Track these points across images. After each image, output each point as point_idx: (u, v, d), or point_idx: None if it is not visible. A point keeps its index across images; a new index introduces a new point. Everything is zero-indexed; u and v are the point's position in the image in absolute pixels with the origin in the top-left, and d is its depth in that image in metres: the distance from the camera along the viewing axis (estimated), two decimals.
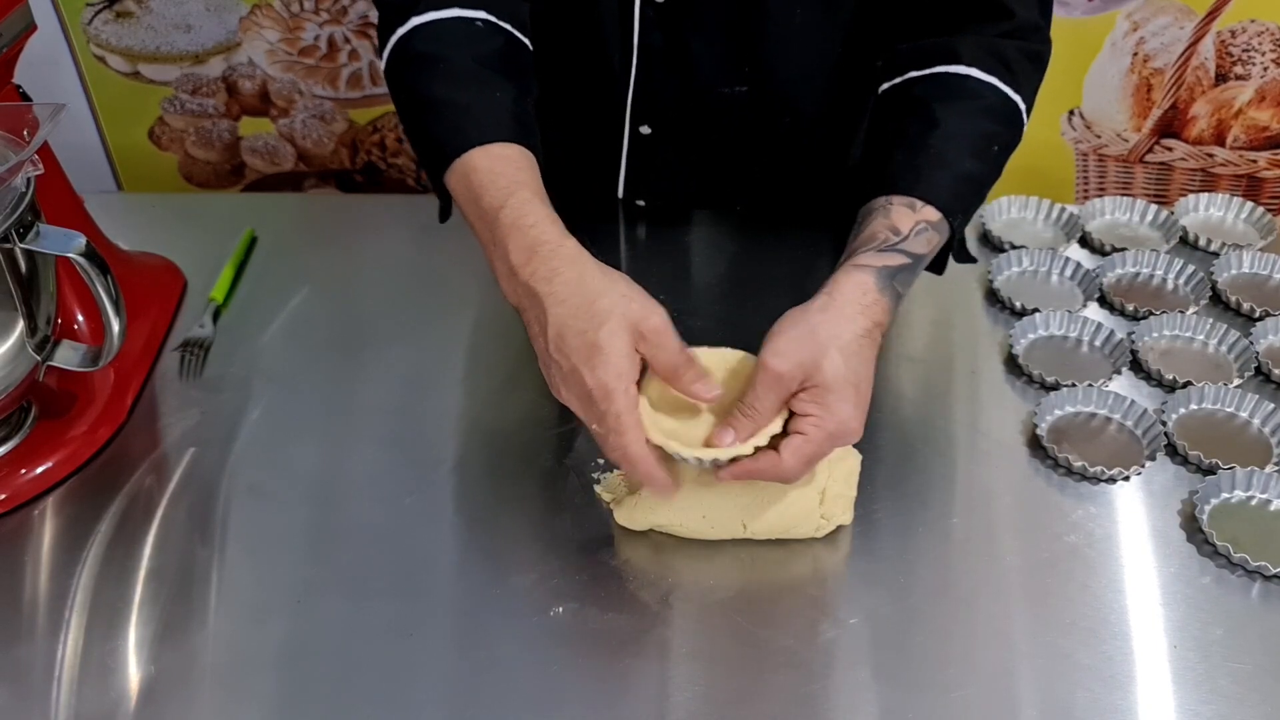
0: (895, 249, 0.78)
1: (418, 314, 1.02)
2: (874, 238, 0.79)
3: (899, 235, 0.79)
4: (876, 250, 0.78)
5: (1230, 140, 1.58)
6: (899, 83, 0.88)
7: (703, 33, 0.95)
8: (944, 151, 0.82)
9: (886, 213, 0.80)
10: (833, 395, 0.72)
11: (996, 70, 0.84)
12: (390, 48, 0.85)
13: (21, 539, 0.81)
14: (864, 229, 0.80)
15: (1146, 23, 1.50)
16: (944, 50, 0.85)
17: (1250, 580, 0.77)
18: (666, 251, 1.10)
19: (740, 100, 0.99)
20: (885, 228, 0.79)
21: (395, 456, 0.87)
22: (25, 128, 0.78)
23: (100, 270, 0.78)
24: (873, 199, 0.82)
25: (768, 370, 0.71)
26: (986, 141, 0.84)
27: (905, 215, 0.79)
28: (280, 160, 1.76)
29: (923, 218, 0.79)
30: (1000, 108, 0.85)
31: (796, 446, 0.72)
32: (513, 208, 0.75)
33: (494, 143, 0.78)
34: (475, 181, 0.77)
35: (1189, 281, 1.03)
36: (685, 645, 0.73)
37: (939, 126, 0.82)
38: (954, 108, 0.83)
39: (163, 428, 0.90)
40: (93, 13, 1.61)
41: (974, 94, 0.84)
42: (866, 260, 0.77)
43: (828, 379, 0.72)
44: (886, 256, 0.78)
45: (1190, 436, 0.87)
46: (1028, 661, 0.72)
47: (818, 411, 0.72)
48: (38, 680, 0.71)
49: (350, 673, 0.71)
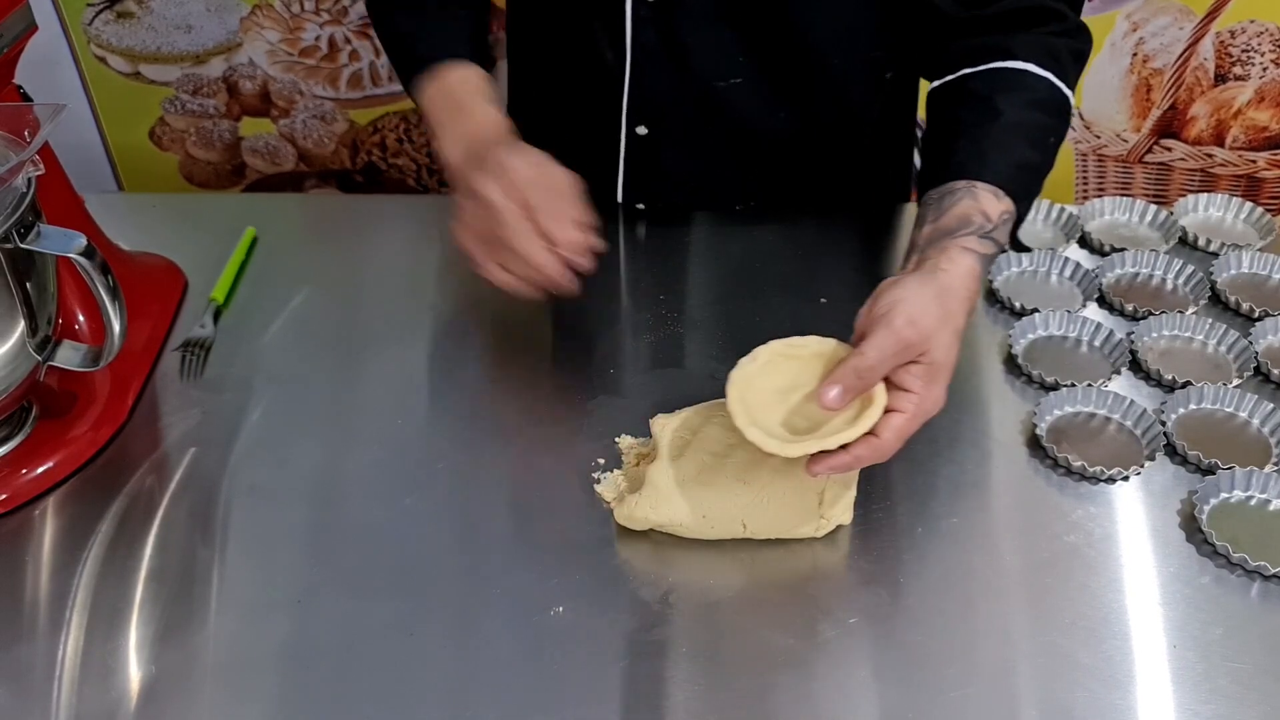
0: (989, 236, 0.80)
1: (418, 314, 1.02)
2: (969, 221, 0.80)
3: (991, 222, 0.80)
4: (978, 236, 0.79)
5: (1229, 140, 1.58)
6: (952, 80, 0.90)
7: (697, 26, 0.95)
8: (1007, 141, 0.84)
9: (974, 196, 0.81)
10: (940, 375, 0.73)
11: (1049, 65, 0.87)
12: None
13: (22, 539, 0.81)
14: (951, 208, 0.81)
15: (1146, 23, 1.50)
16: (998, 47, 0.88)
17: (1250, 580, 0.77)
18: (666, 254, 1.09)
19: (737, 94, 0.99)
20: (978, 212, 0.80)
21: (395, 456, 0.87)
22: (26, 128, 0.78)
23: (101, 270, 0.78)
24: (944, 183, 0.83)
25: (898, 335, 0.71)
26: (1044, 133, 0.87)
27: (992, 202, 0.81)
28: (281, 160, 1.77)
29: (1005, 207, 0.82)
30: (1053, 101, 0.88)
31: (899, 426, 0.71)
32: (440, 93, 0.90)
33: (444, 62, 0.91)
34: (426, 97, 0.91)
35: (1188, 282, 1.04)
36: (685, 645, 0.73)
37: (1001, 116, 0.85)
38: (1013, 99, 0.86)
39: (163, 428, 0.90)
40: (93, 13, 1.61)
41: (1031, 87, 0.87)
42: (972, 245, 0.78)
43: (940, 358, 0.72)
44: (985, 244, 0.79)
45: (1190, 436, 0.87)
46: (1027, 661, 0.72)
47: (921, 390, 0.72)
48: (38, 680, 0.71)
49: (350, 672, 0.71)
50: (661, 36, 0.96)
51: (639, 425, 0.87)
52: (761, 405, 0.75)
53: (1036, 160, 0.86)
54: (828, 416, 0.73)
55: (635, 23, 0.95)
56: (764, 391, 0.75)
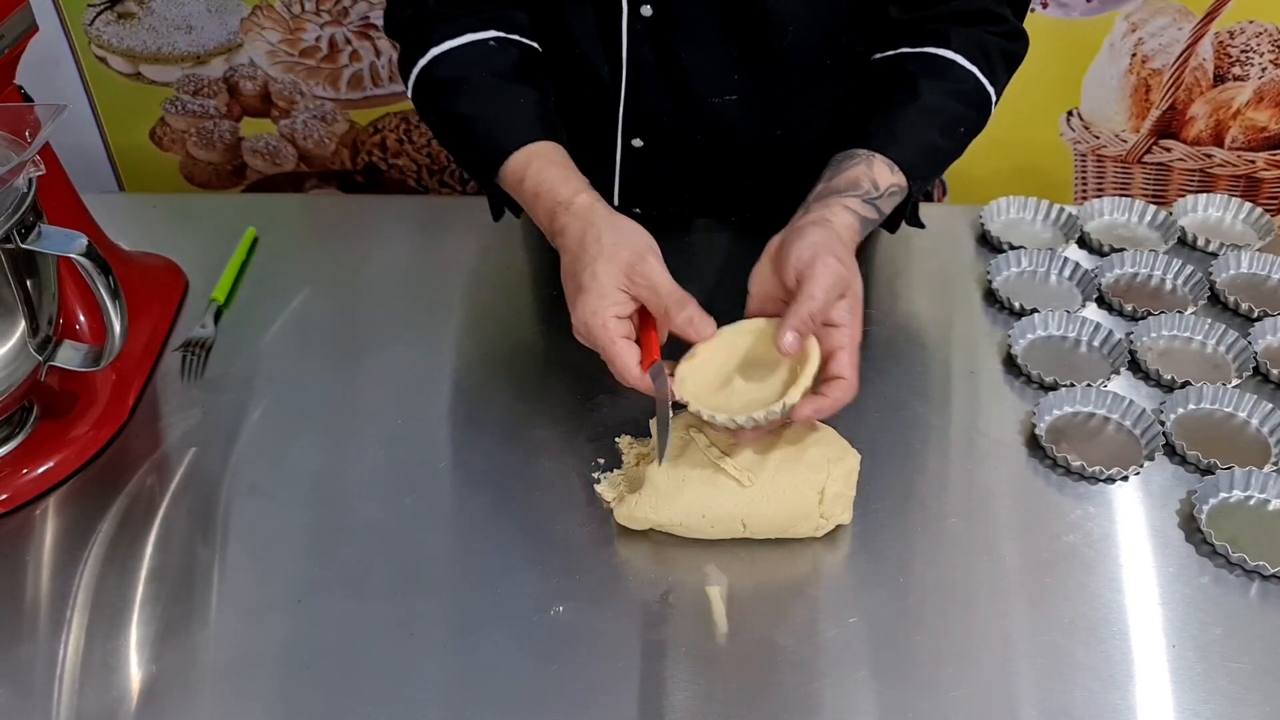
0: (873, 203, 0.85)
1: (418, 314, 1.02)
2: (857, 184, 0.85)
3: (878, 191, 0.85)
4: (861, 200, 0.84)
5: (1229, 141, 1.58)
6: (891, 55, 0.94)
7: (693, 43, 0.96)
8: (920, 123, 0.89)
9: (870, 164, 0.86)
10: (859, 306, 0.79)
11: (978, 60, 0.91)
12: (414, 78, 0.93)
13: (23, 539, 0.81)
14: (845, 170, 0.86)
15: (1145, 23, 1.50)
16: (936, 33, 0.91)
17: (1249, 580, 0.77)
18: (664, 256, 1.09)
19: (731, 110, 1.00)
20: (868, 179, 0.85)
21: (395, 456, 0.87)
22: (27, 128, 0.78)
23: (102, 270, 0.78)
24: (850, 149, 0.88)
25: (835, 273, 0.76)
26: (956, 122, 0.91)
27: (885, 173, 0.86)
28: (281, 161, 1.77)
29: (896, 181, 0.86)
30: (974, 94, 0.91)
31: (850, 360, 0.77)
32: (530, 181, 0.85)
33: (527, 144, 0.86)
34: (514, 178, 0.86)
35: (1187, 282, 1.04)
36: (685, 645, 0.73)
37: (918, 99, 0.89)
38: (936, 86, 0.90)
39: (164, 428, 0.90)
40: (94, 14, 1.61)
41: (957, 78, 0.90)
42: (853, 205, 0.84)
43: (858, 289, 0.79)
44: (867, 208, 0.84)
45: (1189, 436, 0.87)
46: (1027, 660, 0.72)
47: (850, 321, 0.78)
48: (39, 679, 0.71)
49: (351, 672, 0.71)
50: (657, 52, 0.96)
51: (639, 425, 0.87)
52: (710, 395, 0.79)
53: (944, 146, 0.90)
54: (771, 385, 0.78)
55: (630, 38, 0.95)
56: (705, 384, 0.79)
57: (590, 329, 0.77)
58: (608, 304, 0.77)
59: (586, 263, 0.78)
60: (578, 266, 0.78)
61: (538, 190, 0.84)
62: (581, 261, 0.78)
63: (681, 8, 0.94)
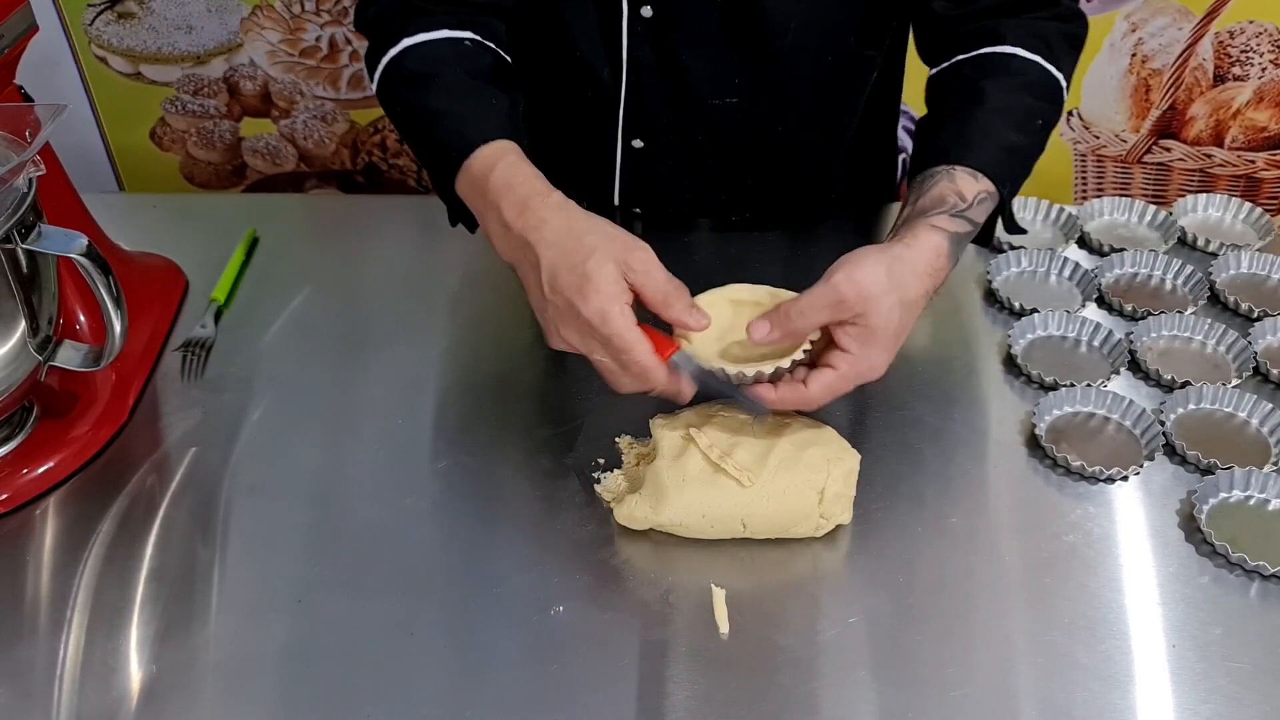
0: (963, 215, 0.82)
1: (418, 314, 1.02)
2: (943, 201, 0.82)
3: (965, 202, 0.82)
4: (949, 215, 0.81)
5: (1228, 141, 1.58)
6: (947, 67, 0.91)
7: (693, 45, 0.96)
8: (991, 124, 0.86)
9: (951, 178, 0.83)
10: (877, 340, 0.75)
11: (1039, 49, 0.88)
12: (382, 68, 0.88)
13: (23, 539, 0.81)
14: (929, 190, 0.83)
15: (1145, 23, 1.51)
16: (988, 33, 0.89)
17: (1249, 580, 0.77)
18: (664, 256, 1.08)
19: (732, 111, 0.99)
20: (952, 192, 0.82)
21: (395, 456, 0.87)
22: (27, 128, 0.78)
23: (102, 270, 0.78)
24: (927, 168, 0.85)
25: (835, 290, 0.75)
26: (1031, 115, 0.88)
27: (969, 183, 0.83)
28: (281, 161, 1.77)
29: (983, 188, 0.83)
30: (1042, 84, 0.88)
31: (827, 381, 0.76)
32: (501, 170, 0.79)
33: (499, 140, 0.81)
34: (480, 171, 0.81)
35: (1187, 282, 1.04)
36: (685, 645, 0.73)
37: (985, 101, 0.86)
38: (1000, 83, 0.87)
39: (164, 428, 0.90)
40: (94, 14, 1.61)
41: (1019, 71, 0.88)
42: (941, 223, 0.80)
43: (877, 324, 0.75)
44: (957, 223, 0.81)
45: (1189, 436, 0.87)
46: (1027, 660, 0.72)
47: (857, 350, 0.76)
48: (39, 680, 0.71)
49: (351, 672, 0.71)
50: (657, 53, 0.96)
51: (639, 425, 0.87)
52: (699, 341, 0.79)
53: (1023, 143, 0.87)
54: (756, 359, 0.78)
55: (631, 39, 0.95)
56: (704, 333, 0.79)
57: (607, 317, 0.73)
58: (619, 291, 0.74)
59: (585, 253, 0.74)
60: (575, 258, 0.74)
61: (510, 181, 0.79)
62: (579, 252, 0.74)
63: (682, 9, 0.94)
